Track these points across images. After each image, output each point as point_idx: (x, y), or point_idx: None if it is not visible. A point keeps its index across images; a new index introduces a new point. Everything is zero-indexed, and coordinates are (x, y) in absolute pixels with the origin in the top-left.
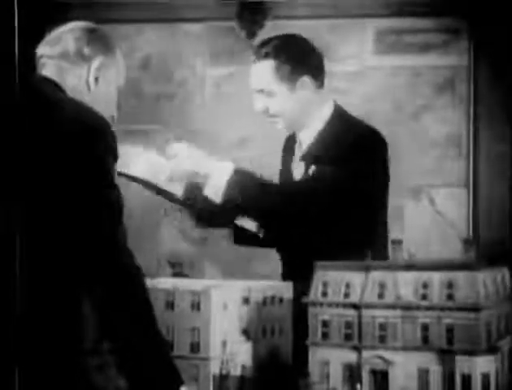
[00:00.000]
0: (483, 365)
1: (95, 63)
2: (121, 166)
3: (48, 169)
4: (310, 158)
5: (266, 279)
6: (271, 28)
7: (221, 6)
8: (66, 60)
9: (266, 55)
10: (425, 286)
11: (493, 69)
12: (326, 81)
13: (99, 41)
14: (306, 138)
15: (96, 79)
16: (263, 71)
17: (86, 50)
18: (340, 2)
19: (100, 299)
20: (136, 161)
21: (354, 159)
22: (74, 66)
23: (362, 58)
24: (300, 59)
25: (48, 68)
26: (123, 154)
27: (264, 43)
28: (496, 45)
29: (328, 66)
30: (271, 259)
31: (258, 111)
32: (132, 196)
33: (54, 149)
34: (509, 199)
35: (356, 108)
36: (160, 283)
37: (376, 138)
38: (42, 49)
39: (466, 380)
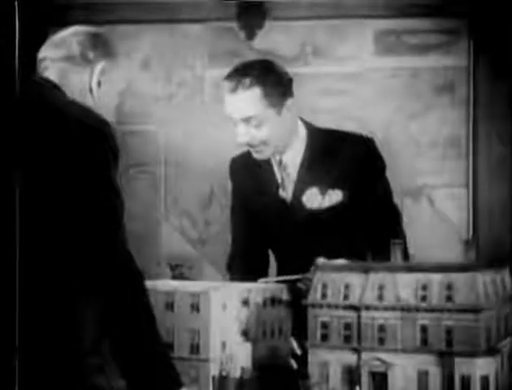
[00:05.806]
0: (482, 367)
1: (98, 67)
2: None
3: (47, 171)
4: (310, 179)
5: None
6: (271, 29)
7: (220, 7)
8: (69, 63)
9: (251, 84)
10: (424, 288)
11: (493, 70)
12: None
13: (103, 46)
14: (292, 160)
15: (98, 83)
16: (250, 100)
17: (90, 54)
18: (339, 3)
19: (100, 301)
20: None
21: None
22: (77, 69)
23: (361, 58)
24: (282, 83)
25: (50, 71)
26: None
27: (241, 72)
28: (496, 45)
29: (328, 67)
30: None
31: (241, 143)
32: (132, 197)
33: (54, 150)
34: (510, 199)
35: (356, 109)
36: (160, 285)
37: (368, 140)
38: (45, 52)
39: (466, 382)
